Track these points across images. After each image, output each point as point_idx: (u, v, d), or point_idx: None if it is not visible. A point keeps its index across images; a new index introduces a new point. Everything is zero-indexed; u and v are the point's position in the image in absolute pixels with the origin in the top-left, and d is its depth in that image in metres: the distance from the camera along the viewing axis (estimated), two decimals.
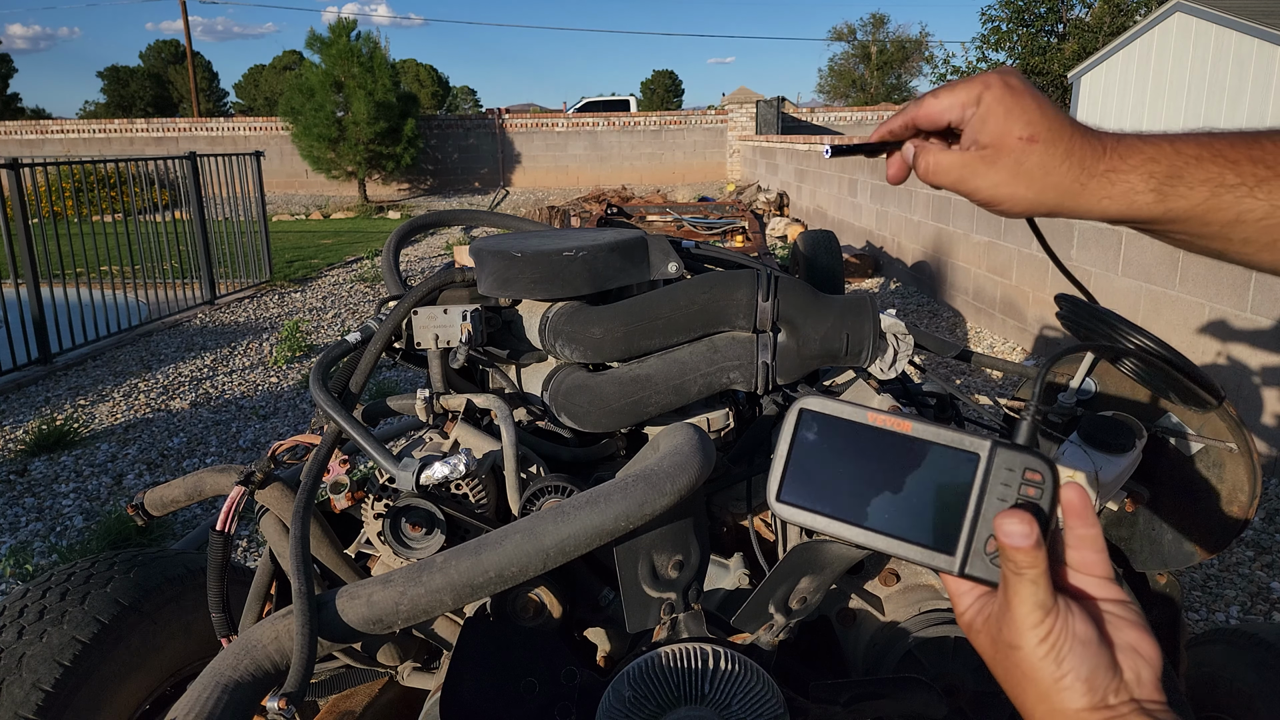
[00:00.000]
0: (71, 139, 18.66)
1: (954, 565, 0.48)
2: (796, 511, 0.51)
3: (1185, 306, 3.57)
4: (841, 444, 0.50)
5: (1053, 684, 0.44)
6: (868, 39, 39.23)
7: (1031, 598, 0.44)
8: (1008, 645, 0.46)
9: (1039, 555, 0.44)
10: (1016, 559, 0.44)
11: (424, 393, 1.09)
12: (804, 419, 0.51)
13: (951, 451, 0.48)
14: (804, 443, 0.51)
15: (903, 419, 0.49)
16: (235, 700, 0.75)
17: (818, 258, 4.95)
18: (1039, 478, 0.46)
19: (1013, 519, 0.44)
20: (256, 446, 3.85)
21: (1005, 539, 0.44)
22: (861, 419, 0.50)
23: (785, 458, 0.51)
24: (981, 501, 0.47)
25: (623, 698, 0.80)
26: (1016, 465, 0.47)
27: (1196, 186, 0.54)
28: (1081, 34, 15.35)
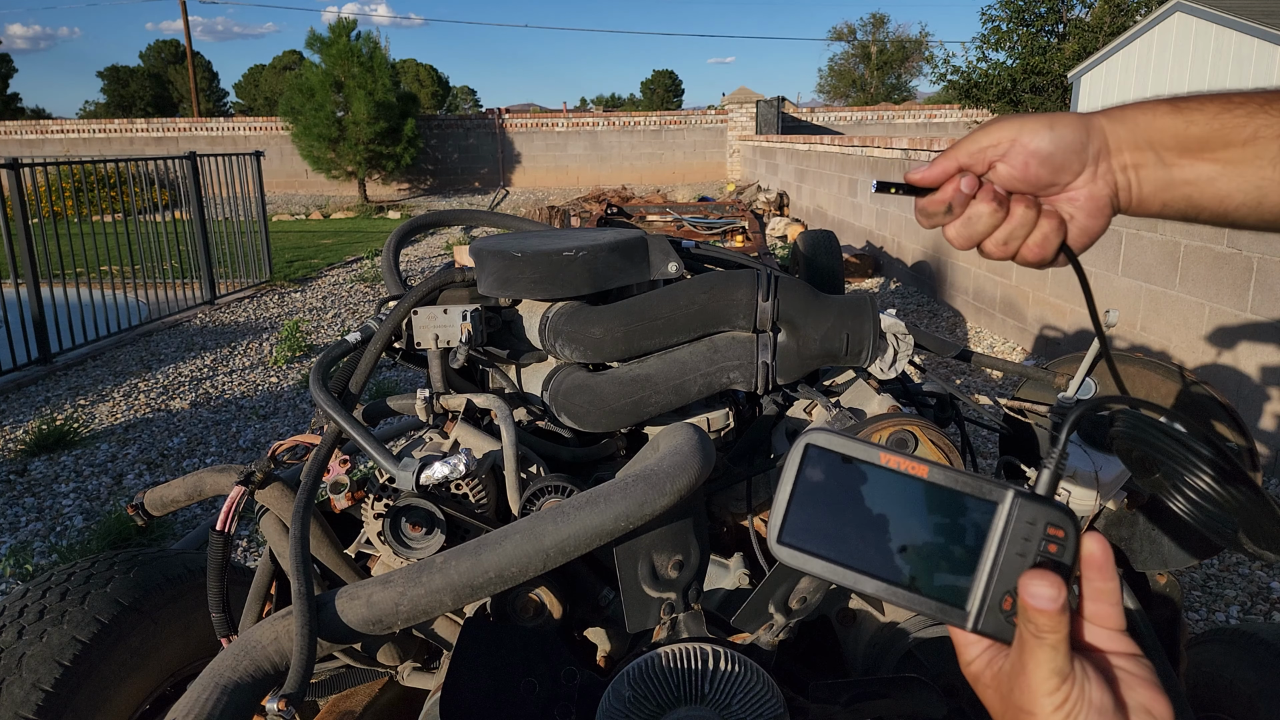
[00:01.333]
0: (71, 139, 18.66)
1: (967, 621, 0.45)
2: (799, 556, 0.48)
3: (1185, 306, 3.57)
4: (850, 484, 0.47)
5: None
6: (868, 39, 39.24)
7: (1049, 663, 0.43)
8: (1019, 709, 0.44)
9: (1063, 620, 0.42)
10: (1039, 622, 0.42)
11: (424, 393, 1.09)
12: (810, 455, 0.48)
13: (968, 499, 0.46)
14: (809, 481, 0.48)
15: (918, 462, 0.46)
16: (235, 701, 0.75)
17: (818, 258, 4.95)
18: (1062, 534, 0.44)
19: (1041, 581, 0.42)
20: (256, 446, 3.85)
21: (1031, 600, 0.42)
22: (874, 459, 0.47)
23: (789, 497, 0.48)
24: (999, 555, 0.45)
25: (623, 698, 0.80)
26: (1039, 519, 0.45)
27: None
28: (1082, 34, 15.35)
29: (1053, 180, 0.61)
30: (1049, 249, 0.61)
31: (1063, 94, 15.22)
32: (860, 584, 0.47)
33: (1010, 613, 0.45)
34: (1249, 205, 0.58)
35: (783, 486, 0.48)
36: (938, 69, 17.04)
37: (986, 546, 0.45)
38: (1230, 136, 0.58)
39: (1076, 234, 0.62)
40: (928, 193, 0.63)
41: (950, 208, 0.62)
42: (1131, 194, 0.61)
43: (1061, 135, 0.61)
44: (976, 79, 16.24)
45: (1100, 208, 0.62)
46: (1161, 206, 0.61)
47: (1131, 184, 0.61)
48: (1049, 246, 0.61)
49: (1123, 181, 0.61)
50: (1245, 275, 3.20)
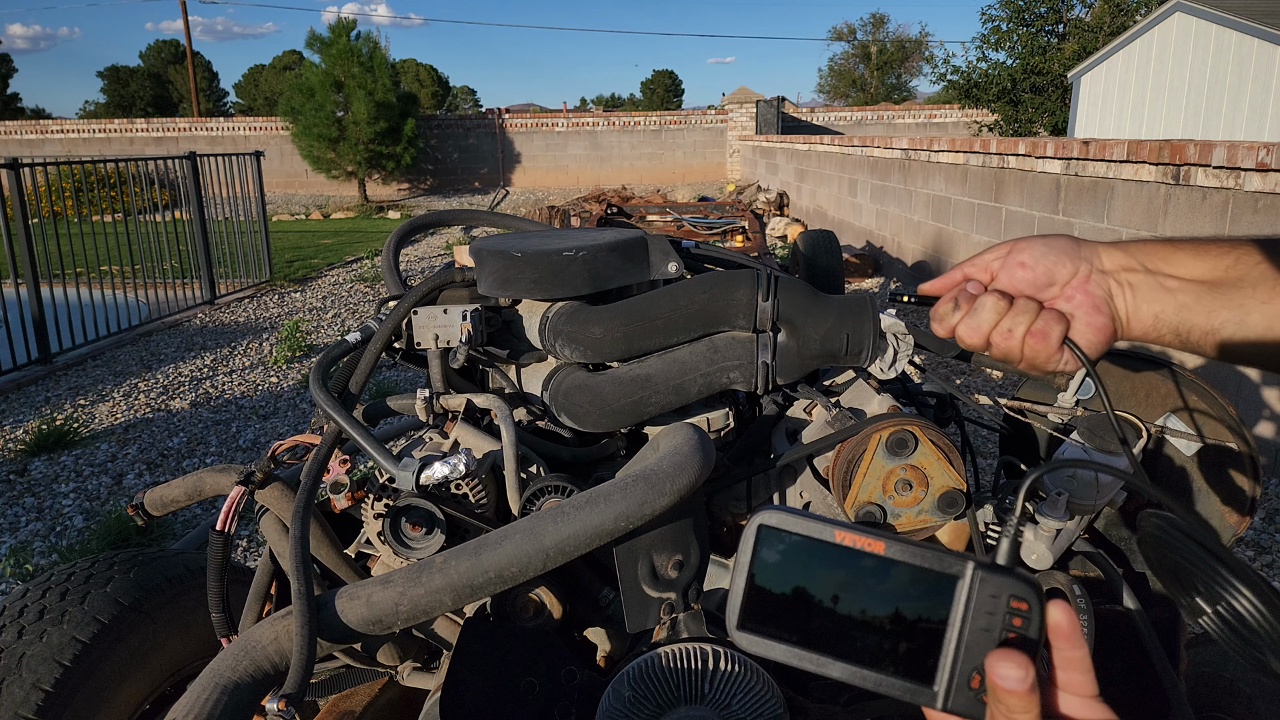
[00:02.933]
0: (71, 139, 18.66)
1: (935, 700, 0.44)
2: (760, 641, 0.46)
3: None
4: (807, 565, 0.46)
5: None
6: (868, 39, 39.24)
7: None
8: None
9: (1033, 700, 0.42)
10: (1009, 703, 0.42)
11: (424, 392, 1.09)
12: (764, 536, 0.46)
13: (929, 574, 0.45)
14: (765, 563, 0.46)
15: (874, 538, 0.45)
16: (235, 701, 0.75)
17: (818, 257, 4.95)
18: (1025, 606, 0.43)
19: (1006, 662, 0.42)
20: (256, 446, 3.85)
21: (1000, 682, 0.42)
22: (828, 537, 0.45)
23: (746, 581, 0.46)
24: (964, 631, 0.44)
25: (622, 698, 0.80)
26: (1001, 592, 0.44)
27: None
28: (1082, 34, 15.35)
29: (1048, 280, 0.66)
30: (1052, 336, 0.64)
31: (1063, 94, 15.21)
32: (825, 668, 0.45)
33: (979, 691, 0.44)
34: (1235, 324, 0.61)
35: (738, 570, 0.47)
36: (938, 69, 17.05)
37: (950, 623, 0.44)
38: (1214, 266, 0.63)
39: (1082, 329, 0.65)
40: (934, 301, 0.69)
41: (957, 303, 0.67)
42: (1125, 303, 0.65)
43: (1052, 242, 0.67)
44: (976, 79, 16.24)
45: (1098, 305, 0.65)
46: (1154, 319, 0.64)
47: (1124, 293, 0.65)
48: (1051, 334, 0.64)
49: (1115, 290, 0.65)
50: None
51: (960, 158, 5.68)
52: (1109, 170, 4.03)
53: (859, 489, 0.95)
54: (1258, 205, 3.12)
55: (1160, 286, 0.64)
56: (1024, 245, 0.67)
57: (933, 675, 0.44)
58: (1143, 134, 11.80)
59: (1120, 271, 0.65)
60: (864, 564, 0.45)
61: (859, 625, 0.45)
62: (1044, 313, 0.65)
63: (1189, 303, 0.63)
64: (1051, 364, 0.65)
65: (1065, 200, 4.47)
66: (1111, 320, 0.65)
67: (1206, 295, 0.62)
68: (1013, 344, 0.65)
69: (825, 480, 1.10)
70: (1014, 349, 0.65)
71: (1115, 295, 0.65)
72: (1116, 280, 0.65)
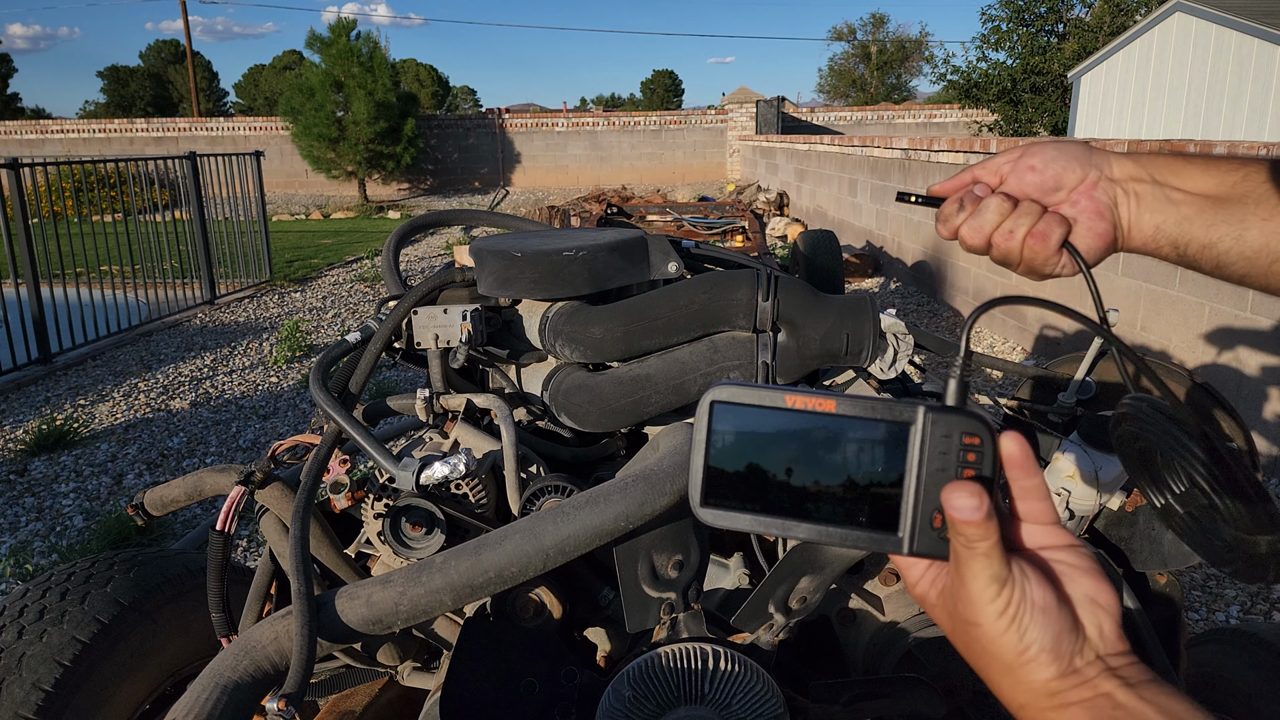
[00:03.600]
0: (71, 139, 18.66)
1: (901, 546, 0.45)
2: (725, 515, 0.46)
3: (1185, 306, 3.57)
4: (762, 433, 0.46)
5: (1017, 657, 0.43)
6: (868, 39, 39.24)
7: (985, 571, 0.43)
8: (965, 621, 0.45)
9: (990, 526, 0.42)
10: (967, 533, 0.43)
11: (424, 392, 1.09)
12: (717, 413, 0.46)
13: (882, 425, 0.45)
14: (721, 438, 0.46)
15: (825, 397, 0.45)
16: (235, 700, 0.75)
17: (818, 258, 4.95)
18: (978, 441, 0.44)
19: (960, 492, 0.42)
20: (256, 446, 3.85)
21: (955, 514, 0.43)
22: (779, 403, 0.46)
23: (704, 458, 0.46)
24: (921, 474, 0.44)
25: (623, 697, 0.80)
26: (953, 430, 0.44)
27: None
28: (1081, 34, 15.34)
29: (1056, 184, 0.66)
30: (1051, 239, 0.64)
31: (1062, 94, 15.21)
32: (791, 530, 0.46)
33: (941, 530, 0.45)
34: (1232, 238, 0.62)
35: (696, 448, 0.47)
36: (938, 69, 17.04)
37: (908, 468, 0.45)
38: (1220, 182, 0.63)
39: (1083, 234, 0.66)
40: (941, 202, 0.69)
41: (962, 204, 0.67)
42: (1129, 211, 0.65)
43: (1064, 147, 0.67)
44: (976, 79, 16.23)
45: (1101, 211, 0.65)
46: (1155, 230, 0.65)
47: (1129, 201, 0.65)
48: (1051, 236, 0.64)
49: (1121, 198, 0.65)
50: None
51: (960, 158, 5.68)
52: None
53: None
54: None
55: (1165, 198, 0.64)
56: (1036, 149, 0.67)
57: (896, 523, 0.45)
58: (1143, 134, 11.80)
59: (1128, 180, 0.65)
60: (819, 425, 0.45)
61: (820, 485, 0.45)
62: (1046, 215, 0.65)
63: (1191, 215, 0.63)
64: (1049, 267, 0.66)
65: None
66: (1113, 228, 0.66)
67: (1209, 209, 0.63)
68: (1013, 245, 0.66)
69: None
70: (1014, 250, 0.66)
71: (1120, 204, 0.65)
72: (1123, 189, 0.65)
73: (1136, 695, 0.41)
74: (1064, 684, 0.42)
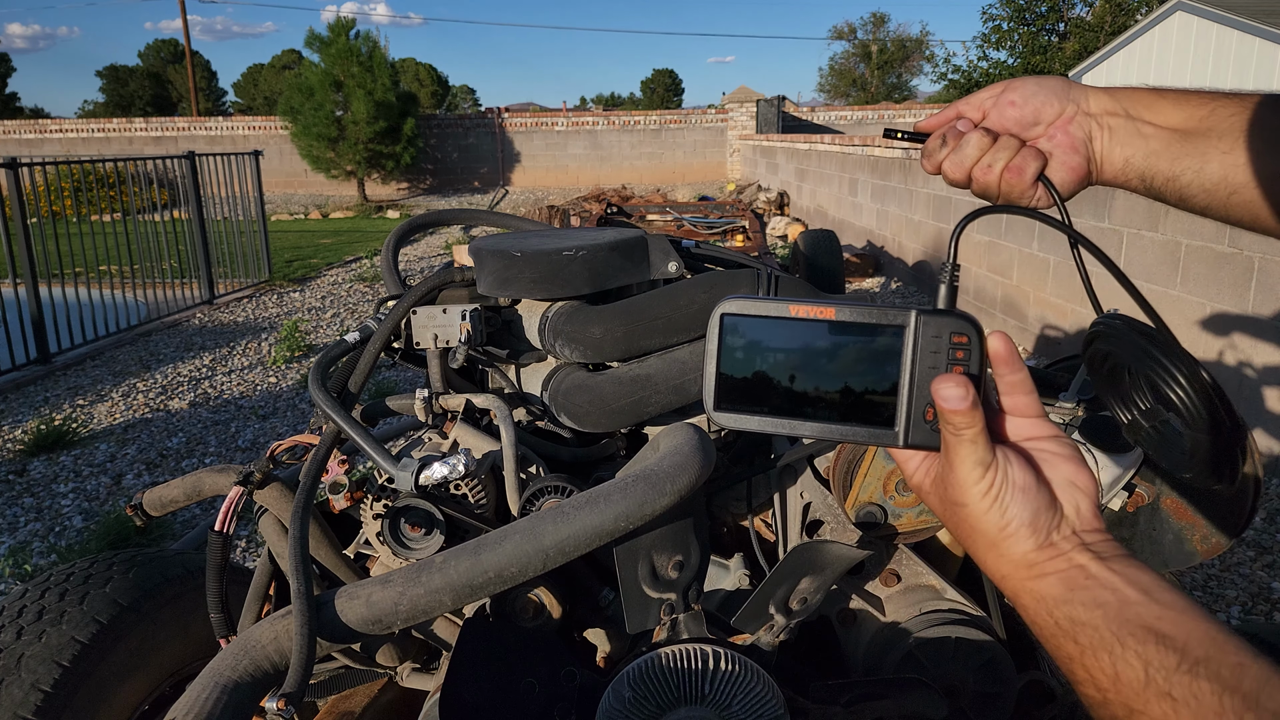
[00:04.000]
0: (70, 138, 18.65)
1: (898, 439, 0.49)
2: (736, 417, 0.51)
3: (1186, 306, 3.57)
4: (768, 341, 0.50)
5: (999, 532, 0.47)
6: (868, 38, 39.23)
7: (971, 456, 0.46)
8: (954, 503, 0.48)
9: (976, 415, 0.46)
10: (955, 421, 0.46)
11: (423, 393, 1.09)
12: (727, 324, 0.51)
13: (878, 328, 0.49)
14: (732, 347, 0.51)
15: (825, 305, 0.49)
16: (234, 700, 0.75)
17: (818, 257, 4.95)
18: (965, 339, 0.48)
19: (948, 383, 0.46)
20: (255, 446, 3.85)
21: (943, 403, 0.46)
22: (783, 312, 0.50)
23: (715, 365, 0.51)
24: (914, 372, 0.48)
25: (622, 698, 0.80)
26: (942, 331, 0.48)
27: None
28: (1082, 33, 15.35)
29: (1035, 119, 0.69)
30: (1026, 172, 0.68)
31: None
32: (797, 429, 0.50)
33: (934, 423, 0.48)
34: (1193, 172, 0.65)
35: (708, 357, 0.51)
36: (938, 68, 17.05)
37: (902, 367, 0.49)
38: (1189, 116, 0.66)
39: (1057, 167, 0.69)
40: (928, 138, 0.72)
41: (945, 140, 0.70)
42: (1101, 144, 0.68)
43: (1044, 82, 0.70)
44: (977, 78, 16.24)
45: (1075, 146, 0.69)
46: (1124, 163, 0.68)
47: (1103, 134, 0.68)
48: (1026, 170, 0.68)
49: (1095, 131, 0.68)
50: (1246, 275, 3.20)
51: None
52: None
53: (859, 489, 0.95)
54: None
55: (1137, 132, 0.67)
56: (1017, 84, 0.70)
57: (892, 418, 0.49)
58: None
59: (1104, 115, 0.68)
60: (820, 331, 0.50)
61: (822, 387, 0.50)
62: (1023, 150, 0.68)
63: (1159, 149, 0.66)
64: (1026, 199, 0.69)
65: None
66: (1087, 161, 0.69)
67: (1175, 143, 0.66)
68: (991, 178, 0.69)
69: (826, 481, 1.10)
70: (992, 183, 0.69)
71: (1095, 137, 0.68)
72: (1098, 123, 0.68)
73: (1107, 567, 0.44)
74: (1041, 555, 0.46)
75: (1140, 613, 0.41)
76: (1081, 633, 0.43)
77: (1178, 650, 0.39)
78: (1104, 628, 0.42)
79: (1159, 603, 0.42)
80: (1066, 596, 0.44)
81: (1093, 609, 0.43)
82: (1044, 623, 0.45)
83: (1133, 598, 0.42)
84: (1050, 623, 0.44)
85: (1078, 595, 0.44)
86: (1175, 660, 0.39)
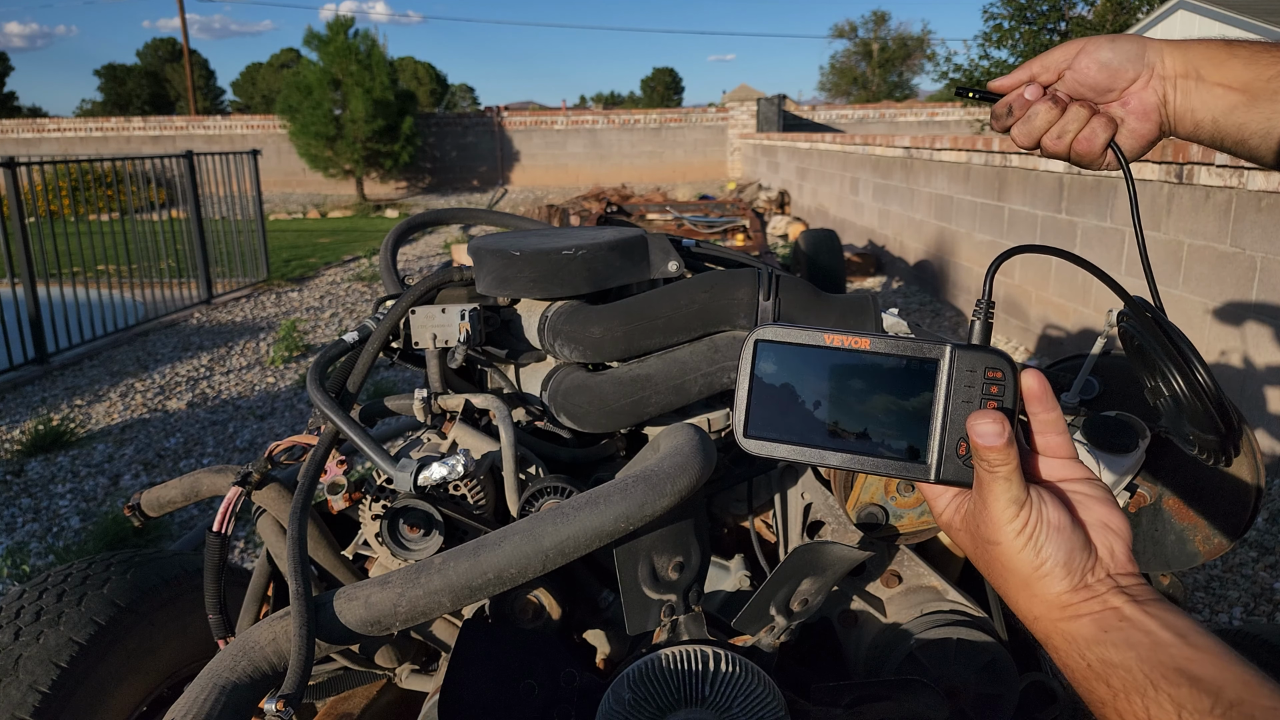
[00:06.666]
0: (68, 137, 18.64)
1: (929, 474, 0.49)
2: (766, 445, 0.50)
3: (1188, 305, 3.56)
4: (801, 369, 0.50)
5: (1033, 572, 0.46)
6: (869, 36, 39.24)
7: (1006, 494, 0.46)
8: (987, 541, 0.47)
9: (1010, 452, 0.45)
10: (990, 458, 0.45)
11: (422, 393, 1.08)
12: (761, 351, 0.51)
13: (912, 361, 0.49)
14: (764, 374, 0.51)
15: (859, 336, 0.49)
16: (232, 702, 0.75)
17: (819, 257, 4.94)
18: (1000, 375, 0.47)
19: (985, 419, 0.45)
20: (254, 447, 3.84)
21: (979, 439, 0.45)
22: (818, 341, 0.50)
23: (747, 392, 0.51)
24: (948, 406, 0.48)
25: (622, 700, 0.80)
26: (977, 366, 0.48)
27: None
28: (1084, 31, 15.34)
29: (1110, 85, 0.70)
30: (1096, 142, 0.70)
31: None
32: (826, 459, 0.50)
33: (966, 458, 0.48)
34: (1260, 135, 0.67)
35: (740, 384, 0.51)
36: (939, 67, 17.04)
37: (935, 401, 0.48)
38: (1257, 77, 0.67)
39: (1127, 135, 0.71)
40: (999, 98, 0.73)
41: (1010, 109, 0.72)
42: (1174, 105, 0.70)
43: (1120, 46, 0.71)
44: (979, 77, 16.22)
45: (1147, 112, 0.70)
46: (1194, 125, 0.69)
47: (1176, 96, 0.69)
48: (1096, 140, 0.70)
49: (1169, 93, 0.69)
50: (1248, 274, 3.20)
51: (963, 156, 5.67)
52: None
53: (861, 490, 0.94)
54: (1261, 204, 3.11)
55: (1208, 93, 0.68)
56: (1091, 48, 0.71)
57: (924, 451, 0.49)
58: None
59: (1176, 78, 0.69)
60: (853, 360, 0.49)
61: (854, 416, 0.49)
62: (1093, 119, 0.70)
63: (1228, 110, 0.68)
64: (1097, 165, 0.72)
65: (1068, 199, 4.47)
66: (1158, 126, 0.70)
67: (1244, 106, 0.67)
68: (1060, 148, 0.71)
69: (827, 481, 1.09)
70: (1062, 151, 0.71)
71: (1168, 100, 0.69)
72: (1171, 85, 0.69)
73: (1142, 610, 0.44)
74: (1075, 596, 0.45)
75: (1174, 655, 0.41)
76: (1114, 675, 0.42)
77: (1212, 693, 0.39)
78: (1137, 670, 0.41)
79: (1193, 646, 0.41)
80: (1100, 638, 0.43)
81: (1126, 651, 0.42)
82: (1076, 665, 0.44)
83: (1167, 640, 0.42)
84: (1082, 665, 0.44)
85: (1111, 637, 0.43)
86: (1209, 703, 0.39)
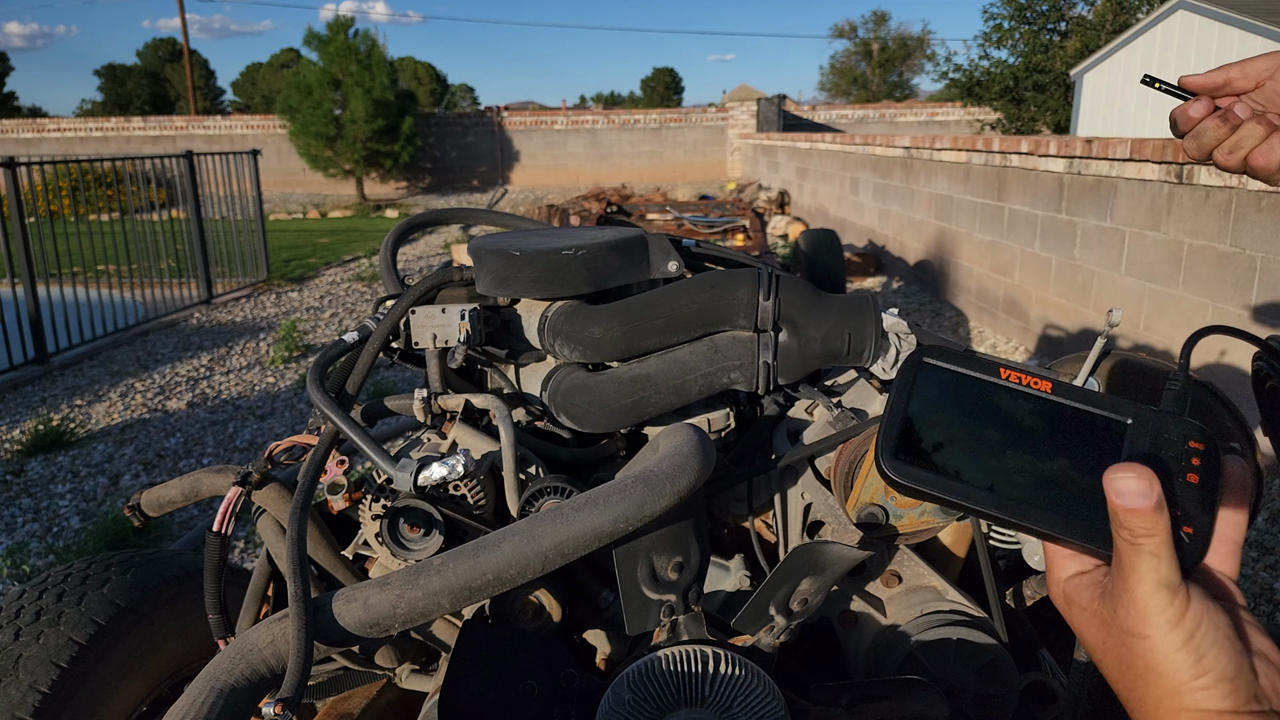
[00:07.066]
0: (68, 137, 18.64)
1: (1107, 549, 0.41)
2: (912, 473, 0.44)
3: (1188, 306, 3.56)
4: (967, 403, 0.44)
5: (1189, 681, 0.38)
6: (869, 36, 39.24)
7: (1153, 574, 0.38)
8: (1128, 632, 0.39)
9: (1159, 521, 0.37)
10: (1132, 524, 0.37)
11: (422, 393, 1.08)
12: (925, 373, 0.45)
13: (1095, 418, 0.42)
14: (924, 400, 0.45)
15: (1042, 377, 0.44)
16: (231, 704, 0.74)
17: (819, 256, 4.94)
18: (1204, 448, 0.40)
19: (1125, 474, 0.37)
20: (253, 447, 3.84)
21: (1116, 498, 0.37)
22: (993, 377, 0.44)
23: (902, 414, 0.45)
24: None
25: (622, 700, 0.80)
26: (1176, 435, 0.41)
27: None
28: (1084, 31, 15.33)
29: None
30: (1272, 159, 0.69)
31: (1065, 92, 15.20)
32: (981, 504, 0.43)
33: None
34: None
35: (895, 404, 0.45)
36: (940, 67, 17.03)
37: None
38: None
39: None
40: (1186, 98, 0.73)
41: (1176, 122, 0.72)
42: None
43: None
44: (979, 77, 16.22)
45: None
46: None
47: None
48: (1272, 158, 0.69)
49: None
50: (1249, 275, 3.20)
51: (963, 156, 5.67)
52: (1112, 169, 4.03)
53: (861, 490, 0.94)
54: (1261, 204, 3.11)
55: None
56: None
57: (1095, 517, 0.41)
58: (1145, 132, 11.79)
59: None
60: (1027, 405, 0.44)
61: (1016, 465, 0.43)
62: (1271, 137, 0.69)
63: None
64: (1274, 181, 0.71)
65: (1068, 199, 4.47)
66: None
67: None
68: (1233, 162, 0.71)
69: (827, 481, 1.09)
70: (1234, 166, 0.71)
71: None
72: None
73: None
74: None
75: None
76: None
77: None
78: None
79: None
80: None
81: None
82: None
83: None
84: None
85: None
86: None
